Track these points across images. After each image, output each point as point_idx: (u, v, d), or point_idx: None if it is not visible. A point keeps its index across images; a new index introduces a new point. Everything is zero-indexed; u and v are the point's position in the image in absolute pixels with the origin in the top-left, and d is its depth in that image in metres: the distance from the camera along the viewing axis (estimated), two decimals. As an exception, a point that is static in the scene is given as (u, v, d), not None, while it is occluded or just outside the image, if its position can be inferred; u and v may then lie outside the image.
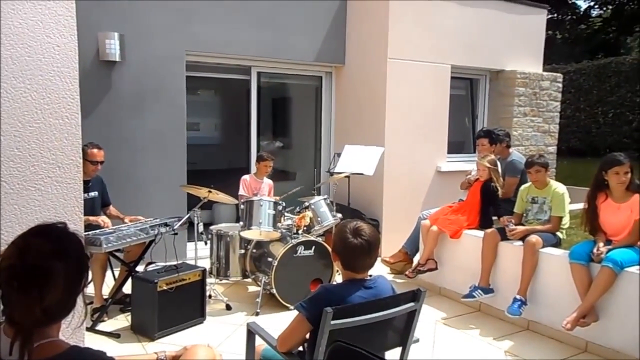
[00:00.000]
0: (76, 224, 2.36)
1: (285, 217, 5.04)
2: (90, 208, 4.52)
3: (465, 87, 7.79)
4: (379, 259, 5.76)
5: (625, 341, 3.68)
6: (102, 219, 4.44)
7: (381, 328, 2.26)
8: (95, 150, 4.53)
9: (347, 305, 2.12)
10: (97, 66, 5.46)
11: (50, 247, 1.39)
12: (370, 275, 2.34)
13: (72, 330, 1.67)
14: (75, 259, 1.42)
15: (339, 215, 5.20)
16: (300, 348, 2.55)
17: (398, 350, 2.41)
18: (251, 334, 2.52)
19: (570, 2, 21.23)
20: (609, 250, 3.76)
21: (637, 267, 3.70)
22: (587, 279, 3.82)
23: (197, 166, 7.15)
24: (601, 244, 3.84)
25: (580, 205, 5.53)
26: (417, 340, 2.46)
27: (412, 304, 2.29)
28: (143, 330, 4.05)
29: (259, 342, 2.52)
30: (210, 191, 4.68)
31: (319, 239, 4.79)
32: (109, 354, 1.46)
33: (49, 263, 1.36)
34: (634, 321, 3.51)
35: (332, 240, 2.35)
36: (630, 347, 3.63)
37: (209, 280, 4.73)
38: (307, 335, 2.24)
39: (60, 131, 2.32)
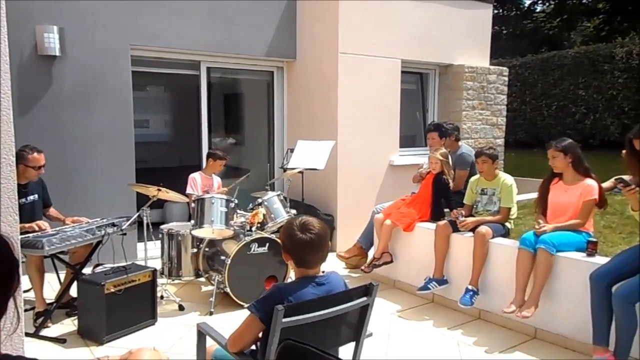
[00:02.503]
0: (11, 225, 2.22)
1: (238, 215, 4.96)
2: (30, 212, 4.28)
3: (416, 82, 7.88)
4: (333, 254, 5.77)
5: (572, 326, 3.81)
6: (37, 224, 4.11)
7: (334, 324, 2.24)
8: (36, 155, 4.21)
9: (298, 303, 2.09)
10: (35, 61, 5.22)
11: None
12: (323, 272, 2.32)
13: (5, 336, 1.57)
14: (3, 261, 1.32)
15: (293, 211, 5.16)
16: (253, 347, 2.51)
17: (352, 345, 2.40)
18: (201, 334, 2.46)
19: (514, -3, 21.88)
20: (554, 229, 3.90)
21: (581, 253, 3.83)
22: (530, 266, 3.93)
23: (147, 164, 6.97)
24: (540, 220, 4.02)
25: (528, 196, 5.72)
26: (371, 335, 2.45)
27: (364, 298, 2.28)
28: (91, 334, 3.91)
29: (210, 342, 2.46)
30: (159, 189, 4.55)
31: (273, 236, 4.74)
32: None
33: None
34: (581, 307, 3.62)
35: (281, 240, 2.30)
36: (577, 332, 3.75)
37: (160, 280, 4.62)
38: (260, 334, 2.20)
39: (-9, 128, 2.18)
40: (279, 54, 6.90)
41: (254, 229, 4.78)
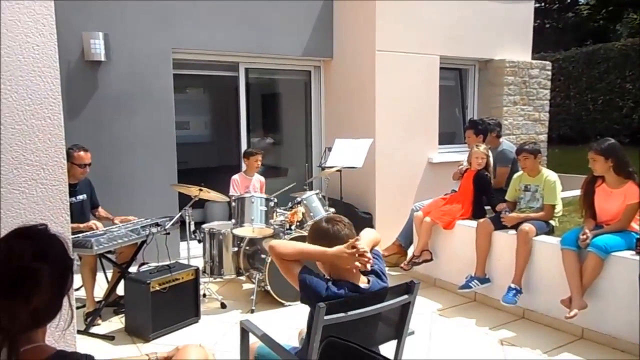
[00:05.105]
0: (63, 226, 2.31)
1: (278, 213, 5.01)
2: (80, 211, 4.47)
3: (455, 78, 7.77)
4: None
5: (621, 326, 3.69)
6: (93, 224, 4.35)
7: (375, 321, 2.24)
8: (82, 153, 4.43)
9: (340, 300, 2.09)
10: (82, 66, 5.40)
11: (34, 249, 1.36)
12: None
13: (60, 333, 1.64)
14: (59, 261, 1.39)
15: (332, 209, 5.17)
16: (297, 344, 2.54)
17: (394, 343, 2.39)
18: (245, 332, 2.49)
19: (556, -11, 21.28)
20: (596, 235, 3.77)
21: (630, 251, 3.71)
22: (577, 265, 3.83)
23: (188, 165, 7.10)
24: (587, 230, 3.84)
25: (572, 193, 5.56)
26: (412, 333, 2.44)
27: (405, 296, 2.27)
28: (137, 331, 4.02)
29: (253, 339, 2.50)
30: (201, 189, 4.64)
31: (312, 234, 4.75)
32: (102, 357, 1.43)
33: (34, 265, 1.33)
34: (629, 306, 3.51)
35: (308, 238, 2.34)
36: (626, 332, 3.64)
37: (202, 279, 4.71)
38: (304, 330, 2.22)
39: (43, 132, 2.27)
40: (316, 53, 6.93)
41: (293, 227, 4.83)
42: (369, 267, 2.19)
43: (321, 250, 2.20)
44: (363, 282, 2.22)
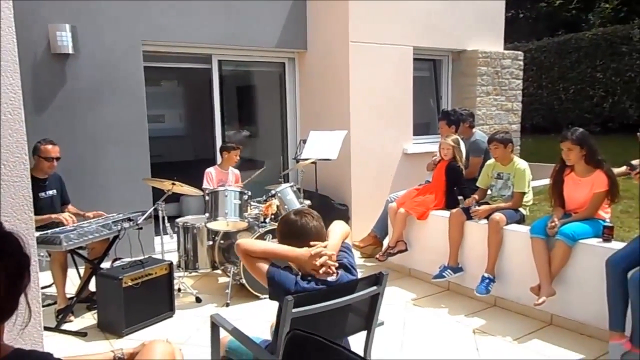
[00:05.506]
0: (26, 222, 2.27)
1: (252, 206, 5.00)
2: (50, 207, 4.41)
3: (429, 68, 7.81)
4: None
5: (588, 312, 3.78)
6: (65, 216, 4.26)
7: (345, 313, 2.26)
8: (49, 147, 4.35)
9: (308, 293, 2.10)
10: (49, 59, 5.28)
11: None
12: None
13: (18, 331, 1.62)
14: (14, 259, 1.36)
15: (307, 202, 5.17)
16: (269, 337, 2.54)
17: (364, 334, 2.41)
18: (215, 326, 2.49)
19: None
20: (564, 223, 3.84)
21: (597, 239, 3.79)
22: (546, 253, 3.90)
23: (163, 158, 7.03)
24: (555, 218, 3.91)
25: (544, 182, 5.64)
26: (382, 323, 2.46)
27: (374, 287, 2.29)
28: (110, 327, 3.99)
29: (224, 333, 2.49)
30: (174, 183, 4.59)
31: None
32: (73, 354, 1.41)
33: None
34: (596, 292, 3.59)
35: (277, 232, 2.36)
36: (593, 318, 3.72)
37: (177, 273, 4.68)
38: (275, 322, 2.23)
39: (3, 128, 2.21)
40: (290, 45, 6.89)
41: (268, 220, 4.82)
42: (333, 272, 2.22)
43: (288, 250, 2.22)
44: (331, 276, 2.23)
